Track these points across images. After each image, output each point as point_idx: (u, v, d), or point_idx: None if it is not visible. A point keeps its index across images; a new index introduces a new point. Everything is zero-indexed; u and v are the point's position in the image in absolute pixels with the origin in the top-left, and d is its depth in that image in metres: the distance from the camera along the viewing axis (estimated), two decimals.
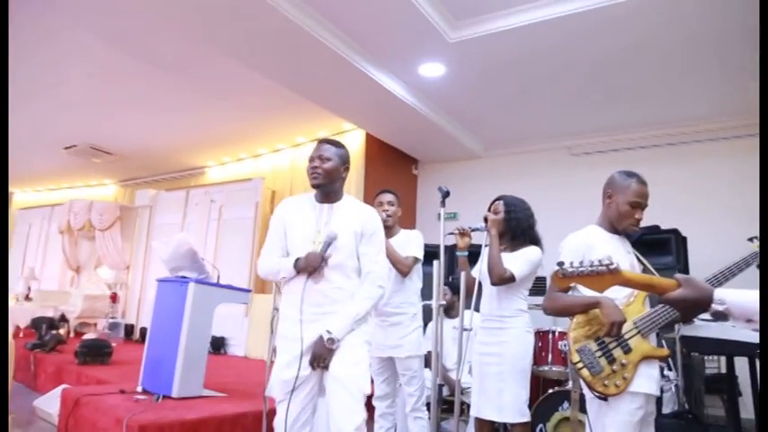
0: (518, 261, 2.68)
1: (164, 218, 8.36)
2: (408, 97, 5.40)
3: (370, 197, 6.73)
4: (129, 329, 8.25)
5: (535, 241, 2.82)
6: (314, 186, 2.22)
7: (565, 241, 2.18)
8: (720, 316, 1.19)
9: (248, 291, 4.26)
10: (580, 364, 1.92)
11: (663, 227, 4.89)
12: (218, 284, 4.03)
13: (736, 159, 5.62)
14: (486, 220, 2.81)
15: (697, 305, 1.24)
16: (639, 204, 2.12)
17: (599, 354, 1.92)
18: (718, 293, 1.20)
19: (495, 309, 2.72)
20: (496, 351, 2.65)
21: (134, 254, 8.82)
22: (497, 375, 2.63)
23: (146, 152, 8.49)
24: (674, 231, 4.92)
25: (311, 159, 2.24)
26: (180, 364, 3.69)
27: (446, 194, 2.64)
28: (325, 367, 2.03)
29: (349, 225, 2.17)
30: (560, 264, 1.32)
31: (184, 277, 3.92)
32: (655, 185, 2.25)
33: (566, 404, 3.12)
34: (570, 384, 3.24)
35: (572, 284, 2.06)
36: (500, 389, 2.61)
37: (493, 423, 2.71)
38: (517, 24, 4.13)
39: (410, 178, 7.87)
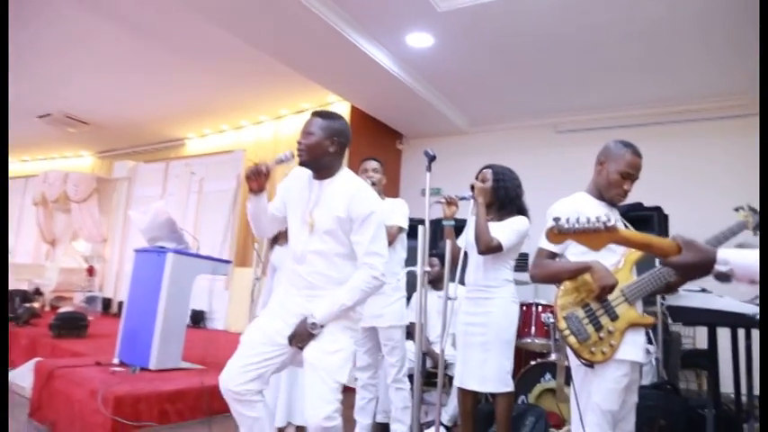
0: (505, 230, 2.64)
1: (143, 190, 8.19)
2: (395, 69, 5.29)
3: (353, 167, 6.70)
4: (107, 303, 8.12)
5: (522, 211, 2.78)
6: (300, 164, 2.12)
7: (552, 207, 2.14)
8: (723, 278, 1.15)
9: (228, 262, 4.19)
10: (567, 331, 1.90)
11: (646, 204, 4.90)
12: (197, 255, 3.94)
13: (724, 139, 5.64)
14: (473, 188, 2.75)
15: (700, 268, 1.20)
16: (630, 175, 2.09)
17: (586, 321, 1.91)
18: (722, 254, 1.16)
19: (481, 279, 2.68)
20: (481, 321, 2.62)
21: (112, 227, 8.64)
22: (481, 345, 2.60)
23: (124, 122, 8.25)
24: (657, 209, 4.93)
25: (301, 135, 2.14)
26: (157, 335, 3.61)
27: (432, 158, 2.56)
28: (301, 348, 1.96)
29: (333, 208, 2.01)
30: (556, 219, 1.27)
31: (162, 247, 3.82)
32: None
33: (548, 376, 3.12)
34: (553, 356, 3.24)
35: (559, 252, 2.05)
36: (484, 359, 2.59)
37: (476, 394, 2.70)
38: None
39: (395, 153, 7.78)
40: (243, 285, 6.60)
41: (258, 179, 2.08)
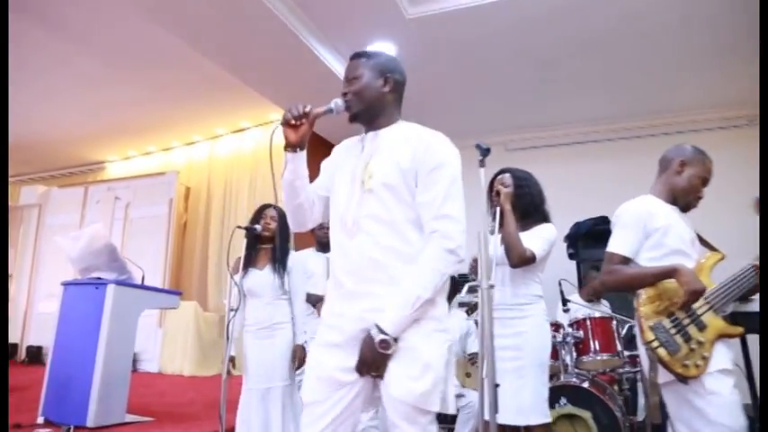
0: (536, 239, 2.36)
1: (57, 218, 7.26)
2: None
3: None
4: (12, 350, 7.05)
5: (548, 219, 2.52)
6: (351, 120, 1.66)
7: (621, 210, 1.89)
8: None
9: (178, 293, 3.63)
10: (656, 343, 1.67)
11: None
12: (143, 286, 3.37)
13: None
14: (497, 194, 2.46)
15: None
16: (707, 182, 2.00)
17: (674, 331, 1.69)
18: None
19: (510, 296, 2.36)
20: (513, 344, 2.30)
21: (19, 260, 7.59)
22: (515, 372, 2.27)
23: (32, 142, 7.32)
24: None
25: (343, 85, 1.69)
26: (97, 384, 3.00)
27: (486, 152, 2.19)
28: (379, 376, 1.45)
29: (394, 157, 1.54)
30: None
31: (100, 279, 3.23)
32: (595, 178, 2.04)
33: (563, 400, 2.84)
34: (623, 369, 3.05)
35: (632, 257, 1.82)
36: (519, 386, 2.25)
37: (514, 428, 2.34)
38: (481, 2, 3.86)
39: None
40: (178, 321, 5.93)
41: (297, 126, 1.55)
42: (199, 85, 5.54)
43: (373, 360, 1.43)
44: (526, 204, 2.46)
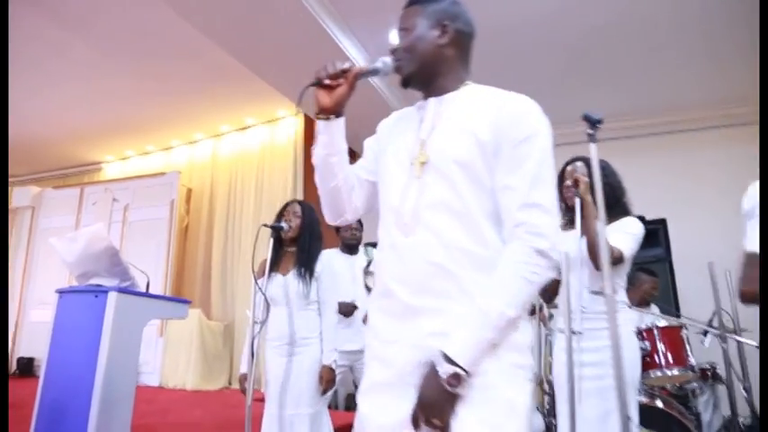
0: (622, 236, 2.03)
1: (51, 221, 6.87)
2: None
3: (311, 196, 5.95)
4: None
5: (629, 211, 2.20)
6: (403, 84, 1.31)
7: (750, 191, 1.55)
8: None
9: (187, 302, 3.27)
10: None
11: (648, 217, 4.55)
12: (147, 294, 3.00)
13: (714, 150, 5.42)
14: (576, 183, 2.12)
15: None
16: None
17: None
18: None
19: (590, 302, 2.03)
20: (598, 359, 1.96)
21: (10, 265, 7.20)
22: (600, 394, 1.93)
23: (24, 142, 6.94)
24: (662, 222, 4.60)
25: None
26: (96, 404, 2.63)
27: (596, 122, 1.84)
28: (442, 429, 1.04)
29: (467, 126, 1.20)
30: None
31: (100, 286, 2.87)
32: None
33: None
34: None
35: None
36: (606, 411, 1.92)
37: None
38: None
39: None
40: (181, 330, 5.57)
41: (333, 87, 1.25)
42: (201, 77, 5.19)
43: (437, 403, 1.05)
44: (607, 196, 2.13)
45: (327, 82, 1.25)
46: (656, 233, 4.48)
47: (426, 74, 1.29)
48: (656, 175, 5.12)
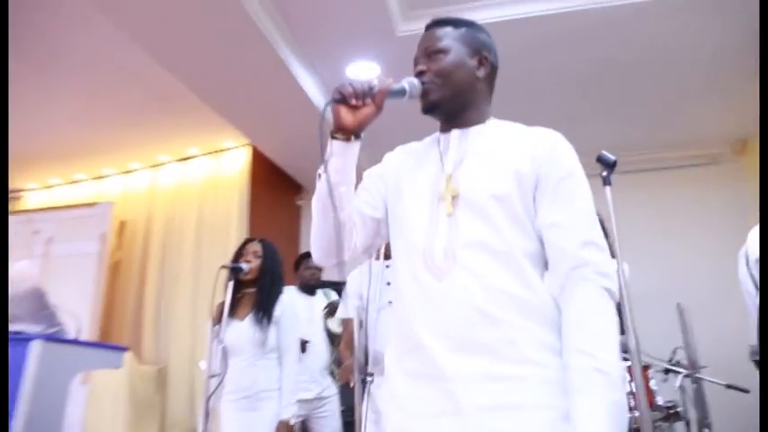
0: None
1: None
2: (323, 104, 4.49)
3: (257, 232, 5.67)
4: None
5: (613, 255, 2.12)
6: (426, 110, 1.20)
7: None
8: None
9: (123, 349, 2.92)
10: None
11: None
12: (77, 341, 2.65)
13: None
14: None
15: None
16: None
17: None
18: None
19: None
20: None
21: None
22: None
23: None
24: None
25: (415, 63, 1.24)
26: None
27: (613, 165, 1.75)
28: None
29: (497, 157, 1.11)
30: None
31: (21, 333, 2.50)
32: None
33: None
34: None
35: None
36: None
37: None
38: (480, 21, 3.52)
39: (293, 210, 6.86)
40: (107, 376, 5.04)
41: (357, 107, 1.11)
42: (141, 101, 4.83)
43: None
44: None
45: (354, 102, 1.10)
46: None
47: (457, 103, 1.20)
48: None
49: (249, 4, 3.25)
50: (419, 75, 1.20)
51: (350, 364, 2.01)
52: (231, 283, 2.26)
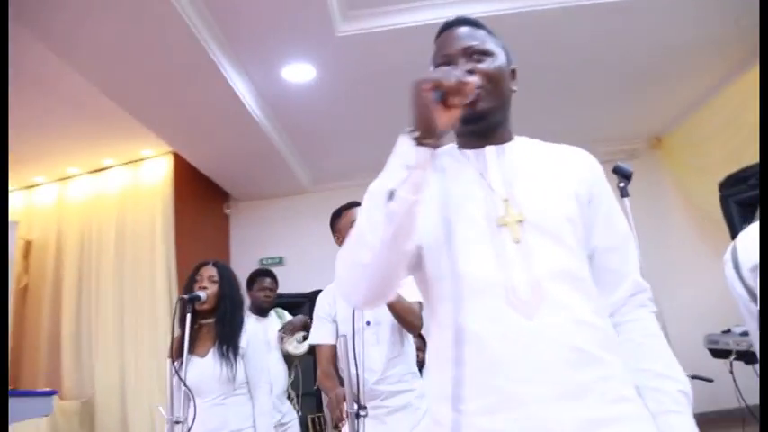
0: None
1: None
2: (255, 107, 4.26)
3: (184, 244, 5.30)
4: None
5: None
6: (471, 120, 1.01)
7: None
8: None
9: (51, 393, 2.57)
10: None
11: None
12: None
13: None
14: None
15: None
16: None
17: None
18: None
19: None
20: None
21: None
22: None
23: None
24: None
25: (446, 59, 1.06)
26: None
27: (629, 176, 1.69)
28: None
29: (550, 176, 1.03)
30: None
31: None
32: None
33: None
34: None
35: None
36: None
37: None
38: (422, 22, 3.46)
39: (222, 218, 6.53)
40: (24, 422, 4.52)
41: (452, 106, 0.91)
42: (45, 108, 4.33)
43: None
44: None
45: (454, 101, 0.91)
46: None
47: (499, 115, 1.09)
48: None
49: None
50: (470, 74, 1.01)
51: (339, 396, 1.85)
52: (188, 315, 2.01)
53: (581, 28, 3.70)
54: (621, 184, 1.71)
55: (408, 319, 2.03)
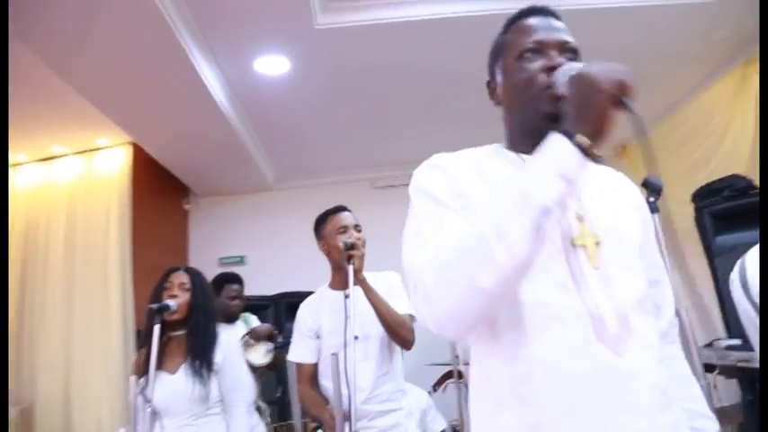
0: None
1: None
2: (224, 99, 4.04)
3: (140, 239, 4.98)
4: None
5: None
6: (558, 119, 0.85)
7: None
8: None
9: None
10: None
11: None
12: None
13: None
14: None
15: None
16: None
17: None
18: None
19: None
20: None
21: None
22: None
23: None
24: None
25: (537, 47, 0.94)
26: None
27: (659, 189, 1.58)
28: None
29: (612, 195, 0.96)
30: None
31: None
32: None
33: None
34: None
35: None
36: None
37: None
38: (407, 18, 3.32)
39: (181, 214, 6.24)
40: None
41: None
42: None
43: None
44: None
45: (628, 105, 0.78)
46: None
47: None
48: None
49: None
50: (550, 70, 0.90)
51: (330, 421, 1.69)
52: (157, 327, 1.80)
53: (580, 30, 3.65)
54: (651, 199, 1.61)
55: (402, 334, 1.90)
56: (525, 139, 0.95)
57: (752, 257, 1.50)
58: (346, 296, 1.92)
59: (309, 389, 2.02)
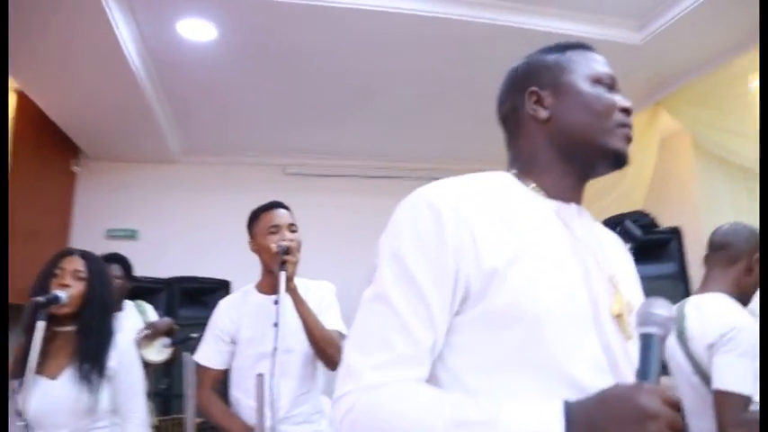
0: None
1: None
2: (136, 58, 3.67)
3: (18, 200, 4.39)
4: None
5: None
6: (620, 155, 0.85)
7: (735, 324, 1.46)
8: None
9: None
10: None
11: None
12: None
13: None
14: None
15: None
16: None
17: None
18: None
19: None
20: None
21: None
22: None
23: None
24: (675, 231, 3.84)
25: (604, 80, 0.92)
26: None
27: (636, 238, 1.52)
28: None
29: (621, 262, 0.92)
30: None
31: None
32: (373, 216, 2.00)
33: None
34: None
35: None
36: None
37: None
38: (350, 5, 3.17)
39: (67, 177, 5.64)
40: None
41: None
42: None
43: None
44: None
45: None
46: (666, 244, 3.80)
47: None
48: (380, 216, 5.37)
49: None
50: (626, 113, 0.88)
51: None
52: (42, 324, 1.49)
53: (509, 47, 3.68)
54: (628, 246, 1.60)
55: (329, 352, 1.78)
56: (567, 168, 0.88)
57: (695, 309, 1.52)
58: (275, 302, 1.76)
59: (212, 395, 1.85)
